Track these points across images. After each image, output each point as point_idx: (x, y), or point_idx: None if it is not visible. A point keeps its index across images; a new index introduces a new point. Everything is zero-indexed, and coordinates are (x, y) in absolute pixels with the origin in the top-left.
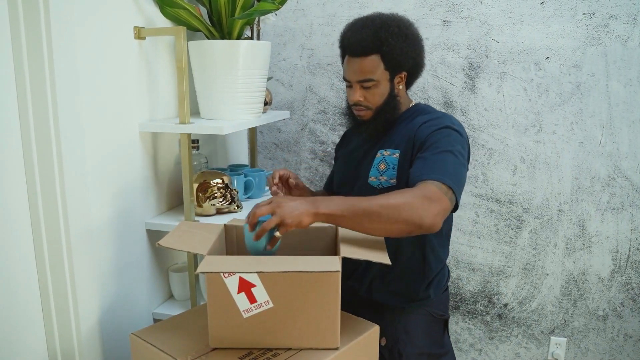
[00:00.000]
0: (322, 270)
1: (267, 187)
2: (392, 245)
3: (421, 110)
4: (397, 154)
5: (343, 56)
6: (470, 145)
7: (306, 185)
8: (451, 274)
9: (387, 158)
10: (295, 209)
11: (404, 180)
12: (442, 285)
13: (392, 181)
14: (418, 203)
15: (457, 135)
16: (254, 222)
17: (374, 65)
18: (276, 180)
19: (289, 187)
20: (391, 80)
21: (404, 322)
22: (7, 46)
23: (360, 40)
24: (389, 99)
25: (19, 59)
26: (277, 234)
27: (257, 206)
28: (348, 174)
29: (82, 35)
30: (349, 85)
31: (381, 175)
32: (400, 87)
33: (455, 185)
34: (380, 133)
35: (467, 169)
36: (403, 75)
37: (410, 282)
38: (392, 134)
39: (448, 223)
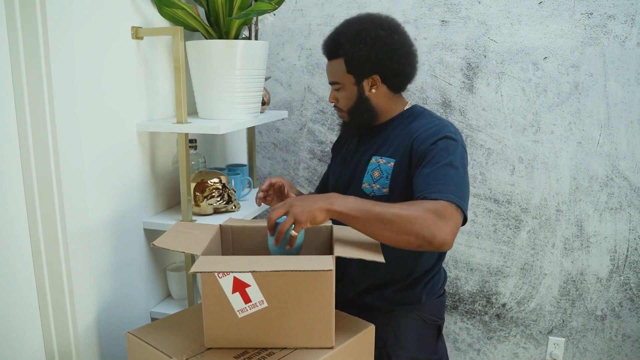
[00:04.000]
0: (315, 269)
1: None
2: (385, 247)
3: (417, 114)
4: (392, 164)
5: None
6: (469, 145)
7: (304, 186)
8: (450, 274)
9: (382, 166)
10: (308, 206)
11: (397, 189)
12: (435, 291)
13: (384, 190)
14: (432, 219)
15: (455, 144)
16: (271, 226)
17: (338, 68)
18: (264, 187)
19: (281, 194)
20: (358, 84)
21: (394, 325)
22: (4, 47)
23: (326, 44)
24: (357, 103)
25: (16, 60)
26: (293, 232)
27: (271, 209)
28: (342, 177)
29: (79, 35)
30: None
31: (374, 183)
32: (374, 90)
33: (462, 202)
34: (367, 136)
35: (468, 176)
36: (375, 79)
37: (401, 288)
38: (387, 139)
39: None
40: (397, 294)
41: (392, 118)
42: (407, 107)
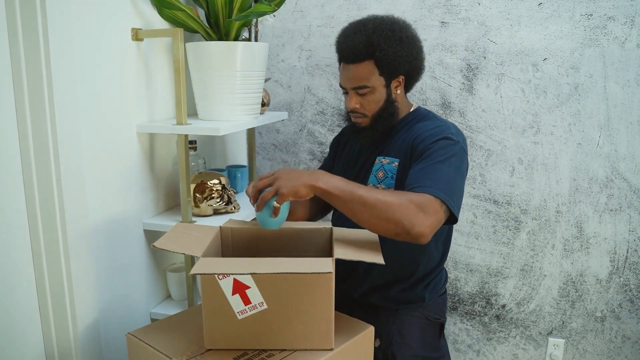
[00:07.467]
0: (315, 271)
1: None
2: (388, 249)
3: (422, 116)
4: (397, 163)
5: (340, 62)
6: (469, 146)
7: None
8: (449, 275)
9: (385, 166)
10: (293, 179)
11: (402, 189)
12: (438, 289)
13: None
14: (413, 210)
15: (454, 145)
16: (253, 194)
17: (367, 71)
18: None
19: None
20: (387, 86)
21: (398, 323)
22: (5, 49)
23: (353, 46)
24: (386, 105)
25: (16, 61)
26: (275, 204)
27: (259, 178)
28: (346, 178)
29: (79, 36)
30: (345, 92)
31: (379, 184)
32: (399, 91)
33: (450, 199)
34: (379, 140)
35: (465, 178)
36: (401, 80)
37: (404, 288)
38: (392, 140)
39: (447, 231)
40: (401, 293)
41: (400, 120)
42: (412, 109)
